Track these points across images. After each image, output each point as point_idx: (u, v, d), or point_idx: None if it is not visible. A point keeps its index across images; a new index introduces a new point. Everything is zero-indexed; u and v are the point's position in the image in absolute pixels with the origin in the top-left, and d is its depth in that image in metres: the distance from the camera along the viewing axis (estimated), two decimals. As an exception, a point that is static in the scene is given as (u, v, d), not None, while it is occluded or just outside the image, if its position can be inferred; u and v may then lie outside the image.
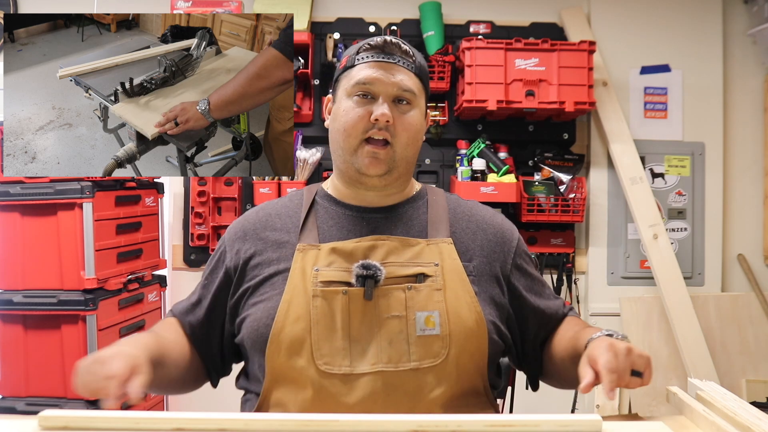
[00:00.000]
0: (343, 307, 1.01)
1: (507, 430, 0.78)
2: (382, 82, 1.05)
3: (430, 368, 1.00)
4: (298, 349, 1.00)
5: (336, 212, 1.12)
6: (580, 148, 2.77)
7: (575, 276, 2.74)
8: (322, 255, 1.05)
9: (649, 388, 2.60)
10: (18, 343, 2.14)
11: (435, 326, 1.00)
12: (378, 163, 1.06)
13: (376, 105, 1.05)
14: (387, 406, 0.98)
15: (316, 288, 1.02)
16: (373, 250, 1.06)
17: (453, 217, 1.14)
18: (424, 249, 1.07)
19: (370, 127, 1.05)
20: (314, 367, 0.99)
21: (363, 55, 1.08)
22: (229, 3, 2.61)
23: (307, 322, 1.00)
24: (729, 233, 2.81)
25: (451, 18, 2.73)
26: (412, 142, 1.09)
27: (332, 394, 0.98)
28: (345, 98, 1.08)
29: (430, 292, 1.03)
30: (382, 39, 1.08)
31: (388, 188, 1.11)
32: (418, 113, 1.09)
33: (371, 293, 1.01)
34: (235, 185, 2.68)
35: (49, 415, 0.81)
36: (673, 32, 2.78)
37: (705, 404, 0.92)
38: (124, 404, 0.84)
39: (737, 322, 2.68)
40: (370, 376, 0.98)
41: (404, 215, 1.12)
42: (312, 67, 2.63)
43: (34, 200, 2.11)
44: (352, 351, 1.00)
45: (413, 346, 1.00)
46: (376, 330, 1.01)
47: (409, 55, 1.10)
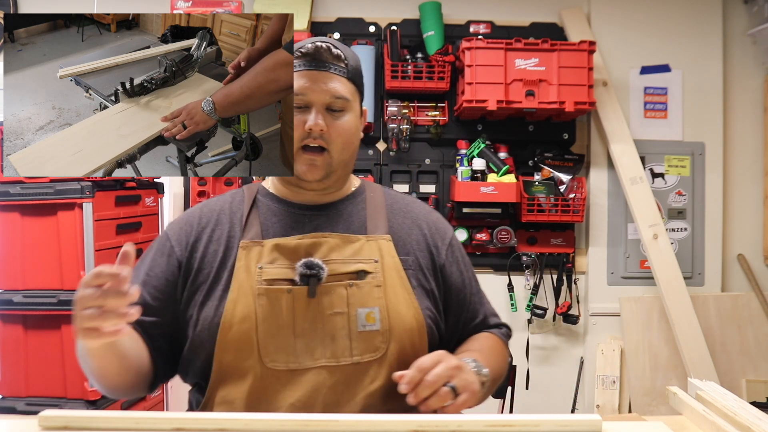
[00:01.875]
0: (288, 305, 1.04)
1: (507, 430, 0.78)
2: (314, 91, 1.08)
3: (370, 362, 1.03)
4: (246, 347, 1.02)
5: (278, 209, 1.15)
6: (580, 148, 2.77)
7: (575, 276, 2.74)
8: (265, 252, 1.07)
9: (649, 388, 2.61)
10: (18, 343, 2.14)
11: (375, 322, 1.04)
12: (315, 169, 1.09)
13: (310, 115, 1.07)
14: (329, 398, 1.01)
15: (261, 287, 1.04)
16: (315, 247, 1.08)
17: (390, 213, 1.17)
18: (364, 245, 1.10)
19: (305, 135, 1.08)
20: (261, 365, 1.01)
21: (296, 63, 1.10)
22: (229, 3, 2.61)
23: (253, 322, 1.02)
24: (729, 233, 2.81)
25: (451, 18, 2.73)
26: (348, 146, 1.12)
27: (278, 390, 1.01)
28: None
29: (371, 289, 1.06)
30: (313, 45, 1.09)
31: (327, 189, 1.15)
32: (352, 117, 1.12)
33: (314, 291, 1.04)
34: (235, 185, 2.68)
35: (49, 415, 0.81)
36: (673, 32, 2.78)
37: (705, 404, 0.92)
38: (124, 404, 0.84)
39: (737, 322, 2.68)
40: (315, 371, 1.02)
41: (344, 212, 1.15)
42: (312, 67, 2.63)
43: (34, 200, 2.11)
44: (297, 347, 1.02)
45: (355, 342, 1.03)
46: (320, 326, 1.04)
47: (341, 60, 1.11)
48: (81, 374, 2.09)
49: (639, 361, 2.64)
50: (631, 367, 2.64)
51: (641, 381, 2.63)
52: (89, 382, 1.91)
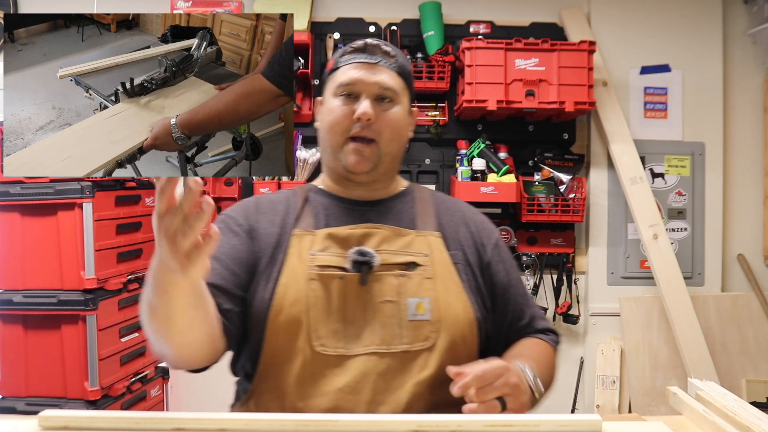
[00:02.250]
0: (339, 291, 1.05)
1: (507, 430, 0.78)
2: (364, 82, 1.11)
3: (420, 351, 1.04)
4: (296, 330, 1.03)
5: (330, 204, 1.17)
6: (580, 148, 2.77)
7: (575, 276, 2.74)
8: (317, 240, 1.09)
9: (649, 388, 2.61)
10: (18, 343, 2.14)
11: (426, 312, 1.05)
12: (363, 160, 1.11)
13: (359, 103, 1.10)
14: (378, 384, 1.01)
15: (313, 272, 1.05)
16: (367, 237, 1.10)
17: (438, 211, 1.19)
18: (414, 240, 1.11)
19: (353, 125, 1.10)
20: (310, 348, 1.02)
21: (346, 58, 1.14)
22: (229, 3, 2.61)
23: (305, 305, 1.03)
24: (729, 233, 2.81)
25: (451, 18, 2.73)
26: (396, 137, 1.13)
27: (326, 374, 1.02)
28: (331, 98, 1.14)
29: (421, 280, 1.07)
30: (363, 42, 1.14)
31: (375, 183, 1.16)
32: (400, 110, 1.14)
33: (366, 279, 1.05)
34: (235, 185, 2.68)
35: (49, 415, 0.81)
36: (673, 32, 2.78)
37: (705, 404, 0.92)
38: (124, 405, 0.84)
39: (737, 322, 2.68)
40: (364, 356, 1.02)
41: (394, 208, 1.17)
42: (312, 67, 2.63)
43: (34, 200, 2.11)
44: (347, 333, 1.03)
45: (405, 330, 1.04)
46: (370, 314, 1.05)
47: (390, 56, 1.14)
48: (81, 374, 2.09)
49: (639, 361, 2.64)
50: (631, 367, 2.64)
51: (641, 381, 2.63)
52: (162, 352, 1.78)
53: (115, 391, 2.18)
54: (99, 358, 2.10)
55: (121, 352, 2.25)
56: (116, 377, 2.21)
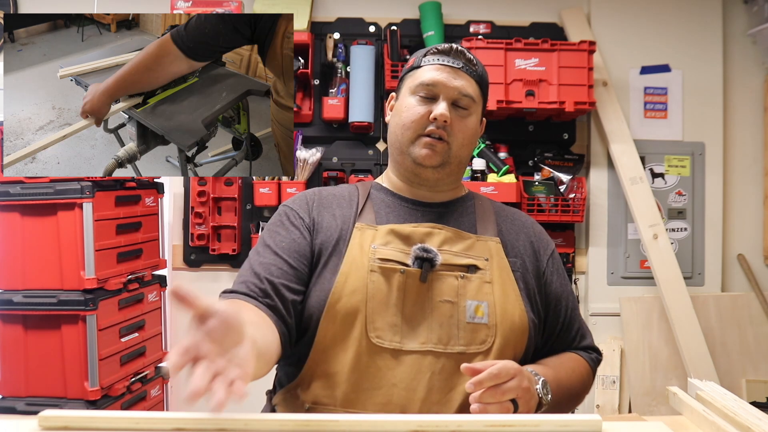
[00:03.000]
0: (399, 286, 1.05)
1: (507, 430, 0.78)
2: (444, 85, 1.11)
3: (475, 354, 1.04)
4: (353, 320, 1.03)
5: (392, 201, 1.17)
6: (580, 148, 2.77)
7: (575, 276, 2.74)
8: (379, 235, 1.10)
9: (649, 388, 2.61)
10: (18, 343, 2.14)
11: (484, 315, 1.05)
12: (434, 154, 1.11)
13: (436, 105, 1.10)
14: (433, 383, 1.01)
15: (374, 263, 1.06)
16: (429, 236, 1.10)
17: (498, 218, 1.20)
18: (475, 243, 1.12)
19: (428, 125, 1.10)
20: (365, 339, 1.02)
21: (429, 58, 1.15)
22: (229, 3, 2.61)
23: (364, 295, 1.04)
24: (729, 233, 2.81)
25: (451, 18, 2.73)
26: (467, 143, 1.14)
27: (380, 367, 1.02)
28: (408, 96, 1.14)
29: (481, 284, 1.08)
30: (449, 45, 1.15)
31: (440, 185, 1.17)
32: (474, 119, 1.15)
33: (427, 276, 1.05)
34: (235, 185, 2.68)
35: (49, 415, 0.81)
36: (673, 32, 2.78)
37: (705, 404, 0.92)
38: (124, 404, 0.84)
39: (737, 322, 2.68)
40: (419, 354, 1.02)
41: (455, 211, 1.18)
42: (312, 67, 2.63)
43: (34, 200, 2.11)
44: (404, 328, 1.03)
45: (462, 331, 1.04)
46: (428, 311, 1.05)
47: (473, 63, 1.16)
48: (81, 374, 2.09)
49: (639, 361, 2.64)
50: (631, 367, 2.64)
51: (641, 381, 2.63)
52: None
53: (115, 391, 2.18)
54: (99, 358, 2.10)
55: (121, 352, 2.25)
56: (116, 377, 2.21)
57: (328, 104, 2.62)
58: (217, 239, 2.69)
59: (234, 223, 2.68)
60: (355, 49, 2.64)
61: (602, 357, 1.25)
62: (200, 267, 2.73)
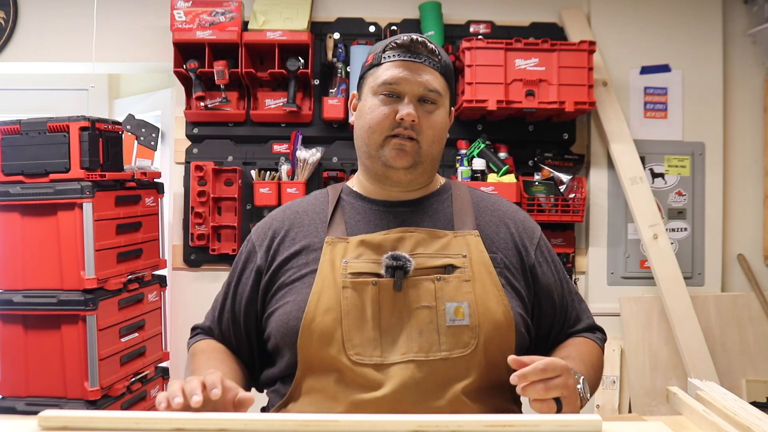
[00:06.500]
0: (373, 298, 1.02)
1: (507, 430, 0.78)
2: (408, 82, 1.07)
3: (459, 358, 1.00)
4: (329, 340, 1.00)
5: (362, 207, 1.13)
6: (580, 148, 2.77)
7: (575, 276, 2.74)
8: (350, 247, 1.06)
9: (649, 388, 2.61)
10: (18, 343, 2.14)
11: (465, 317, 1.01)
12: (404, 155, 1.07)
13: (402, 105, 1.06)
14: (418, 394, 0.98)
15: (346, 279, 1.03)
16: (401, 241, 1.07)
17: (477, 210, 1.15)
18: (452, 241, 1.08)
19: (395, 125, 1.06)
20: (345, 357, 0.99)
21: (389, 54, 1.09)
22: (229, 3, 2.61)
23: (338, 313, 1.01)
24: (729, 233, 2.81)
25: (451, 18, 2.73)
26: (437, 139, 1.10)
27: (363, 384, 0.99)
28: (371, 96, 1.10)
29: (459, 283, 1.03)
30: (408, 37, 1.09)
31: (413, 183, 1.12)
32: (443, 112, 1.11)
33: (401, 284, 1.02)
34: (235, 185, 2.68)
35: (49, 415, 0.81)
36: (673, 32, 2.78)
37: (705, 404, 0.92)
38: (124, 404, 0.84)
39: (737, 322, 2.68)
40: (402, 365, 0.99)
41: (430, 208, 1.13)
42: (312, 67, 2.63)
43: (34, 200, 2.11)
44: (383, 341, 1.00)
45: (443, 336, 1.01)
46: (406, 320, 1.01)
47: (435, 54, 1.10)
48: (81, 374, 2.09)
49: (639, 361, 2.64)
50: (631, 367, 2.64)
51: (641, 381, 2.63)
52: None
53: (115, 391, 2.18)
54: (99, 358, 2.10)
55: (121, 352, 2.25)
56: (116, 377, 2.21)
57: (328, 104, 2.62)
58: (217, 239, 2.69)
59: (234, 223, 2.68)
60: (355, 49, 2.64)
61: (606, 336, 1.22)
62: (200, 267, 2.73)
